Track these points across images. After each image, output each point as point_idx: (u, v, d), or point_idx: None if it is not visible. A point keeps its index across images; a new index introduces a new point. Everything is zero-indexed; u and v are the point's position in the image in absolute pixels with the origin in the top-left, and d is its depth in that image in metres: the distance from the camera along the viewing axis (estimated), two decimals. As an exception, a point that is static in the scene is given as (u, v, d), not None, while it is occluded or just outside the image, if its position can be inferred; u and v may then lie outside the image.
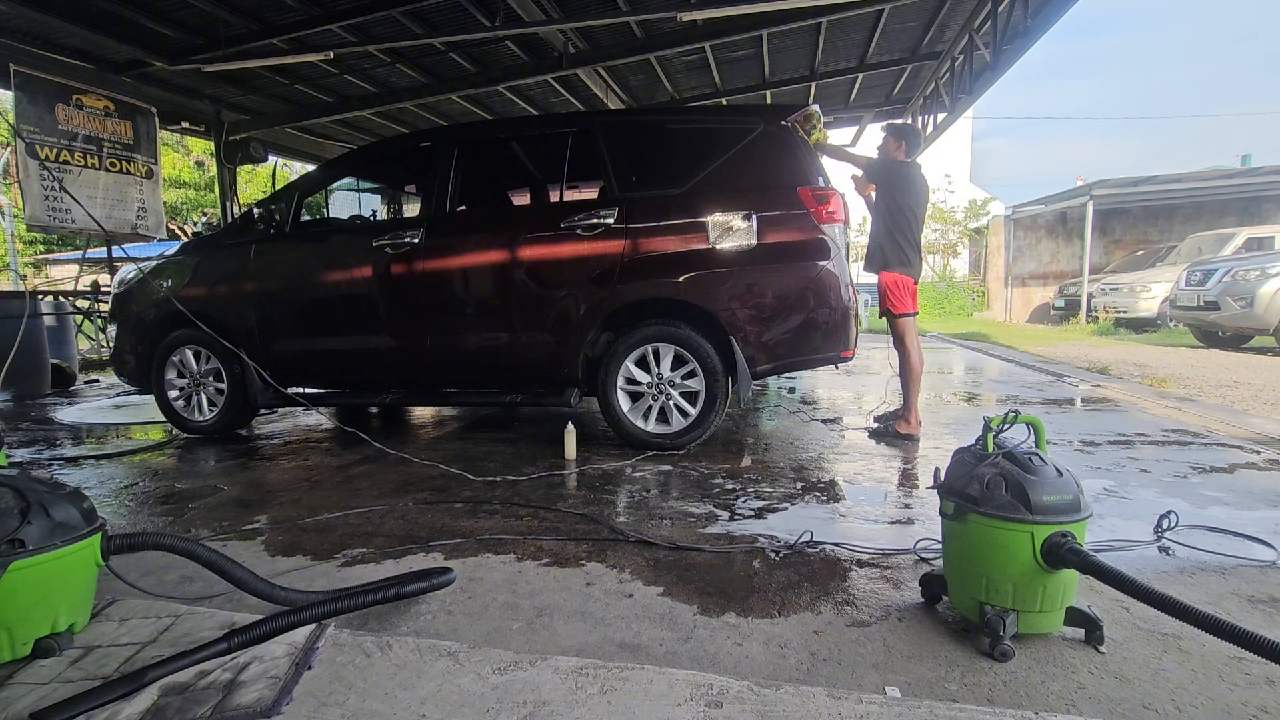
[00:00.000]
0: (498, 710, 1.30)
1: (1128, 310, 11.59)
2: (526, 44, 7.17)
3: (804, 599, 1.81)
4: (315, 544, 2.26)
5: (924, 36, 7.80)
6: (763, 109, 6.39)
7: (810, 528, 2.23)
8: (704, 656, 1.54)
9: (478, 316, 3.59)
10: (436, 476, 3.05)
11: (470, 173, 3.91)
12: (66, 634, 1.54)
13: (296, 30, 6.15)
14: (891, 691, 1.39)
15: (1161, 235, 14.66)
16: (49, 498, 1.54)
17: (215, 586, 1.80)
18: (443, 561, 2.08)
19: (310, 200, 4.33)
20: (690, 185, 3.39)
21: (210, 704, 1.29)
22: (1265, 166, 13.44)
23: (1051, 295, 15.43)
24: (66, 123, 6.77)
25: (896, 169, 3.69)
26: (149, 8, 5.79)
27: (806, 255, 3.26)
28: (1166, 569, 1.98)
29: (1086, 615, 1.57)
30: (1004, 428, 1.65)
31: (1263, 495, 2.64)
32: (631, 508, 2.60)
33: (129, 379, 4.29)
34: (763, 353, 3.30)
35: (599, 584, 1.92)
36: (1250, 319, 8.06)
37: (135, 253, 5.96)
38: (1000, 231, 17.22)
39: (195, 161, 20.04)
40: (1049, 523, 1.48)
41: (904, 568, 2.00)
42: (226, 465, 3.44)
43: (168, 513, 2.67)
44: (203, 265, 4.10)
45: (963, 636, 1.60)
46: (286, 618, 1.55)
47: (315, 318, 3.88)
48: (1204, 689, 1.39)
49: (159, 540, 1.62)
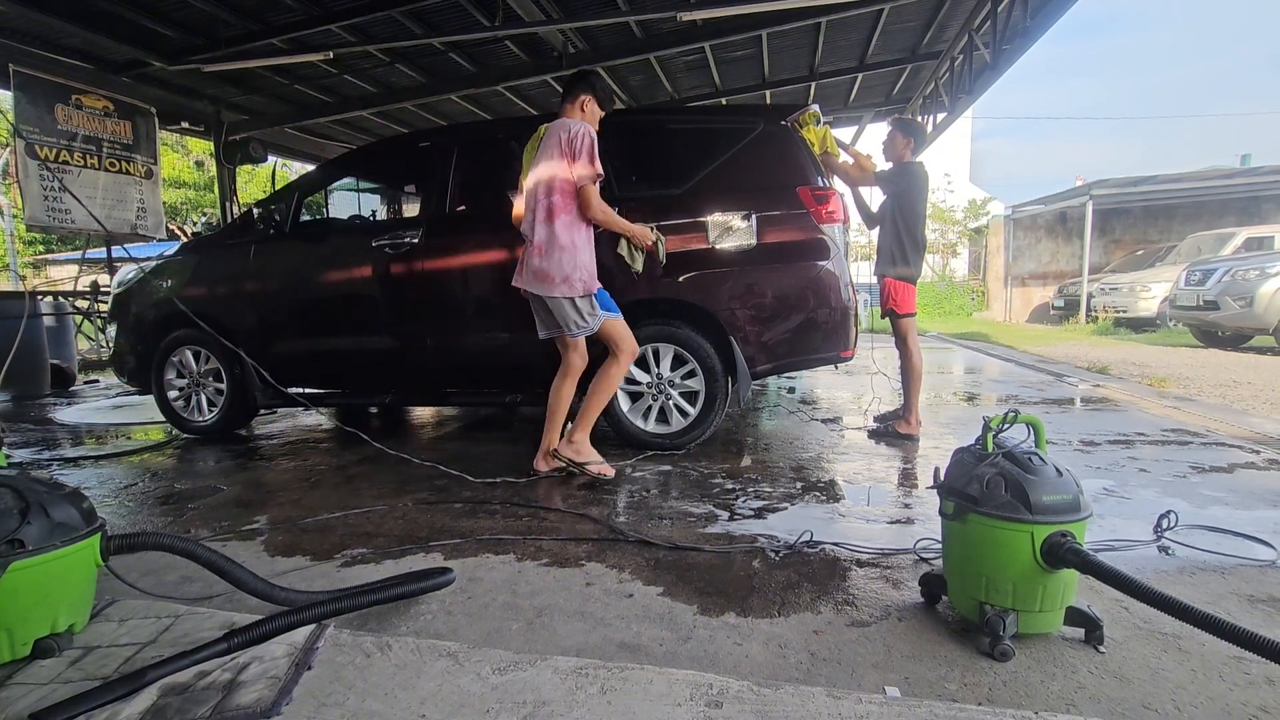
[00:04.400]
0: (497, 710, 1.30)
1: (1127, 310, 11.59)
2: (526, 44, 7.16)
3: (804, 599, 1.81)
4: (315, 544, 2.26)
5: (924, 36, 7.79)
6: (762, 109, 6.40)
7: (810, 527, 2.23)
8: (704, 656, 1.54)
9: (477, 316, 3.59)
10: (436, 476, 3.04)
11: (470, 173, 3.91)
12: (66, 634, 1.54)
13: (296, 30, 6.15)
14: (891, 691, 1.39)
15: (1161, 235, 14.66)
16: (48, 498, 1.54)
17: (215, 587, 1.80)
18: (442, 561, 2.08)
19: (310, 200, 4.33)
20: (690, 185, 3.39)
21: (210, 704, 1.29)
22: (1265, 166, 13.45)
23: (1051, 295, 15.43)
24: (66, 123, 6.77)
25: (907, 171, 3.65)
26: (149, 8, 5.79)
27: (806, 255, 3.26)
28: (1166, 569, 1.98)
29: (1086, 615, 1.57)
30: (1004, 427, 1.65)
31: (1262, 495, 2.64)
32: (631, 508, 2.60)
33: (129, 379, 4.29)
34: (762, 352, 3.30)
35: (599, 584, 1.92)
36: (1250, 319, 8.06)
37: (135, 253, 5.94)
38: (1000, 231, 17.22)
39: (195, 162, 20.04)
40: (1049, 522, 1.48)
41: (904, 567, 2.00)
42: (226, 465, 3.44)
43: (167, 513, 2.67)
44: (202, 265, 4.10)
45: (962, 636, 1.60)
46: (286, 618, 1.55)
47: (315, 318, 3.88)
48: (1204, 689, 1.39)
49: (158, 540, 1.62)
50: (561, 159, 2.73)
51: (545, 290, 2.75)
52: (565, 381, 2.89)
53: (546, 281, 2.75)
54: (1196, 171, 14.50)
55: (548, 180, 2.73)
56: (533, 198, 2.79)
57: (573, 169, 2.71)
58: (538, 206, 2.76)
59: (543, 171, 2.74)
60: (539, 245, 2.75)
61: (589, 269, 2.81)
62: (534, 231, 2.77)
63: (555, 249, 2.73)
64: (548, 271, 2.74)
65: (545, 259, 2.74)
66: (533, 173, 2.81)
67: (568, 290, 2.75)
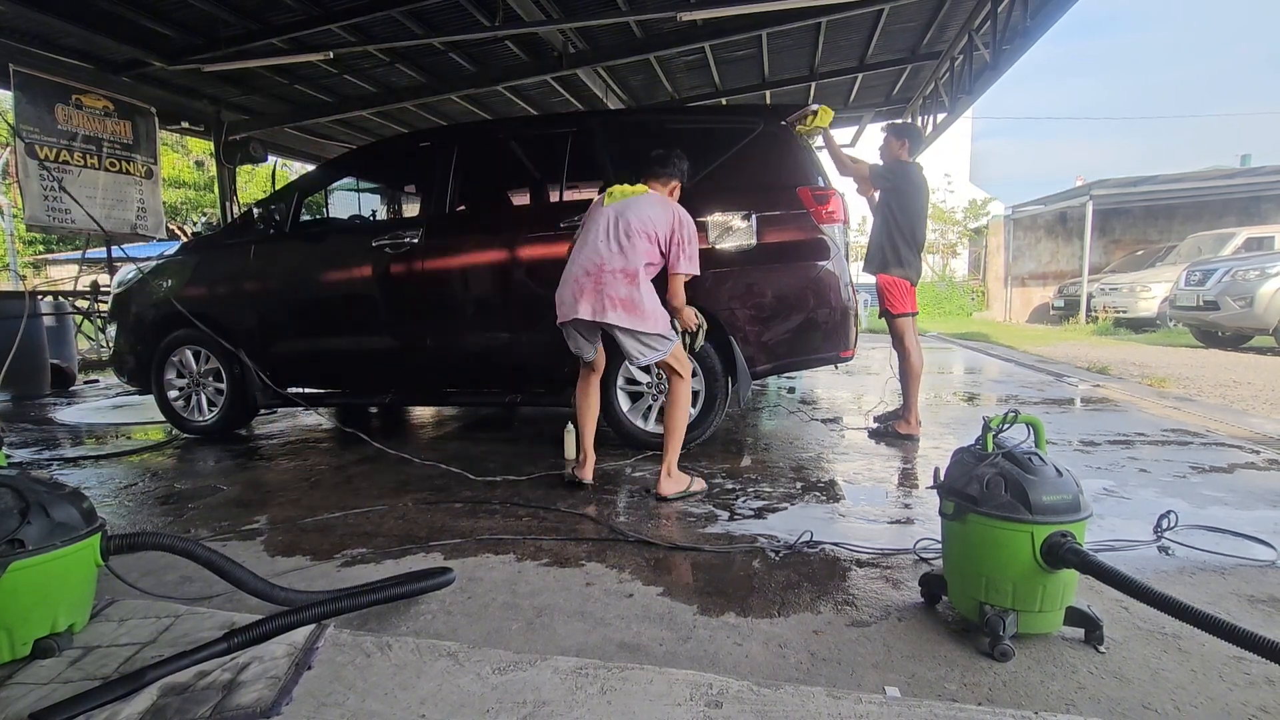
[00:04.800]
0: (497, 710, 1.30)
1: (1127, 310, 11.59)
2: (526, 44, 7.16)
3: (804, 599, 1.81)
4: (315, 544, 2.26)
5: (924, 36, 7.79)
6: (762, 109, 6.39)
7: (810, 528, 2.23)
8: (704, 656, 1.54)
9: (477, 316, 3.59)
10: (436, 476, 3.04)
11: (469, 173, 3.91)
12: (66, 634, 1.54)
13: (296, 30, 6.15)
14: (891, 691, 1.39)
15: (1161, 235, 14.65)
16: (49, 498, 1.54)
17: (215, 587, 1.80)
18: (442, 561, 2.08)
19: (310, 200, 4.33)
20: (690, 185, 3.38)
21: (210, 704, 1.29)
22: (1265, 166, 13.44)
23: (1051, 295, 15.43)
24: (66, 123, 6.77)
25: (900, 170, 3.67)
26: (148, 8, 5.79)
27: (806, 255, 3.26)
28: (1166, 569, 1.98)
29: (1086, 615, 1.57)
30: (1004, 427, 1.65)
31: (1262, 495, 2.64)
32: (631, 508, 2.60)
33: (129, 379, 4.29)
34: (762, 352, 3.30)
35: (599, 584, 1.92)
36: (1250, 319, 8.06)
37: (135, 253, 5.96)
38: (1000, 231, 17.22)
39: (195, 161, 20.03)
40: (1049, 523, 1.48)
41: (904, 568, 2.00)
42: (226, 465, 3.44)
43: (167, 513, 2.67)
44: (202, 265, 4.10)
45: (962, 636, 1.60)
46: (286, 618, 1.55)
47: (315, 318, 3.88)
48: (1204, 689, 1.39)
49: (158, 540, 1.62)
50: (670, 245, 2.66)
51: (640, 325, 2.63)
52: (680, 393, 2.77)
53: (638, 315, 2.62)
54: (1197, 172, 14.50)
55: (645, 252, 2.63)
56: (617, 248, 2.61)
57: (679, 264, 2.68)
58: (623, 261, 2.60)
59: (641, 238, 2.61)
60: (624, 299, 2.59)
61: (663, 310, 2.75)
62: (618, 283, 2.59)
63: (644, 298, 2.63)
64: (641, 311, 2.62)
65: (633, 305, 2.61)
66: (631, 222, 2.62)
67: (655, 325, 2.65)
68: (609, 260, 2.59)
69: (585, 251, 2.65)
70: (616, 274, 2.58)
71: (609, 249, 2.61)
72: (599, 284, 2.58)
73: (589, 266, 2.61)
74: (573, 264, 2.69)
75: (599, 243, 2.62)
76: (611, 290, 2.57)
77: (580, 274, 2.63)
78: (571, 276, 2.67)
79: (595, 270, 2.59)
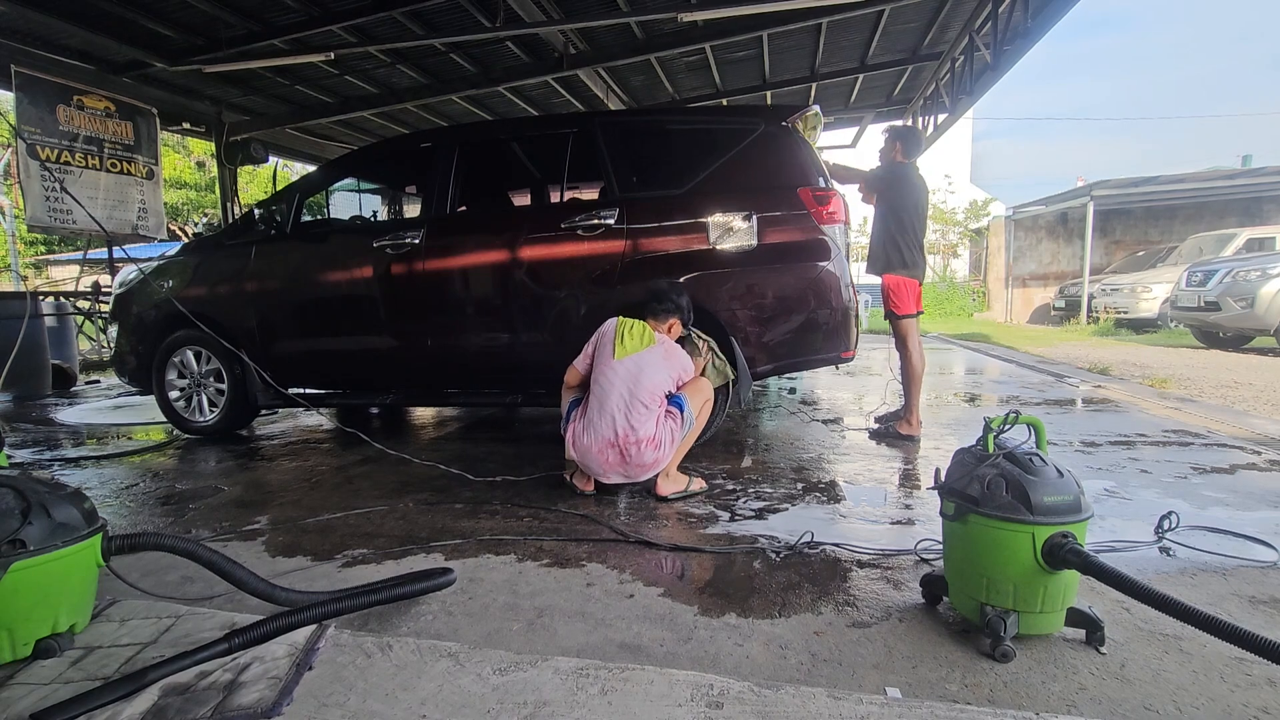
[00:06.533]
0: (498, 711, 1.30)
1: (1128, 311, 11.58)
2: (527, 45, 7.17)
3: (804, 600, 1.81)
4: (316, 544, 2.26)
5: (924, 37, 7.80)
6: (763, 109, 6.38)
7: (811, 528, 2.23)
8: (704, 657, 1.54)
9: (478, 317, 3.59)
10: (437, 477, 3.05)
11: (471, 173, 3.90)
12: (67, 634, 1.54)
13: (297, 31, 6.16)
14: (892, 692, 1.38)
15: (1162, 236, 14.65)
16: (50, 498, 1.54)
17: (216, 587, 1.80)
18: (443, 562, 2.08)
19: (311, 201, 4.33)
20: (691, 186, 3.39)
21: (211, 704, 1.29)
22: (1266, 167, 13.43)
23: (1052, 296, 15.42)
24: (67, 123, 6.78)
25: (895, 171, 3.69)
26: (150, 8, 5.80)
27: (807, 256, 3.26)
28: (1167, 570, 1.98)
29: (1087, 616, 1.57)
30: (1004, 428, 1.65)
31: (1263, 496, 2.64)
32: (632, 508, 2.60)
33: (130, 379, 4.29)
34: (763, 353, 3.30)
35: (599, 584, 1.92)
36: (1251, 319, 8.06)
37: (136, 253, 5.96)
38: (1001, 232, 17.22)
39: (196, 162, 20.07)
40: (1050, 523, 1.48)
41: (905, 568, 1.99)
42: (227, 466, 3.44)
43: (168, 513, 2.67)
44: (203, 266, 4.10)
45: (963, 637, 1.60)
46: (287, 618, 1.55)
47: (316, 318, 3.88)
48: (1205, 690, 1.39)
49: (160, 541, 1.62)
50: (671, 378, 2.73)
51: (669, 457, 2.68)
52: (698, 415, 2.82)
53: (665, 455, 2.65)
54: (1198, 172, 14.50)
55: (661, 406, 2.66)
56: (639, 420, 2.60)
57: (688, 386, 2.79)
58: (646, 429, 2.60)
59: (655, 402, 2.64)
60: (652, 462, 2.62)
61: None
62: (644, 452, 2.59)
63: (664, 441, 2.64)
64: (667, 451, 2.65)
65: (660, 458, 2.63)
66: (644, 386, 2.63)
67: (674, 445, 2.69)
68: (630, 433, 2.58)
69: (605, 419, 2.61)
70: (642, 444, 2.58)
71: (629, 421, 2.59)
72: (625, 456, 2.59)
73: (611, 438, 2.59)
74: (593, 427, 2.63)
75: (616, 413, 2.59)
76: (639, 460, 2.60)
77: (605, 445, 2.60)
78: (594, 446, 2.61)
79: (620, 443, 2.58)
